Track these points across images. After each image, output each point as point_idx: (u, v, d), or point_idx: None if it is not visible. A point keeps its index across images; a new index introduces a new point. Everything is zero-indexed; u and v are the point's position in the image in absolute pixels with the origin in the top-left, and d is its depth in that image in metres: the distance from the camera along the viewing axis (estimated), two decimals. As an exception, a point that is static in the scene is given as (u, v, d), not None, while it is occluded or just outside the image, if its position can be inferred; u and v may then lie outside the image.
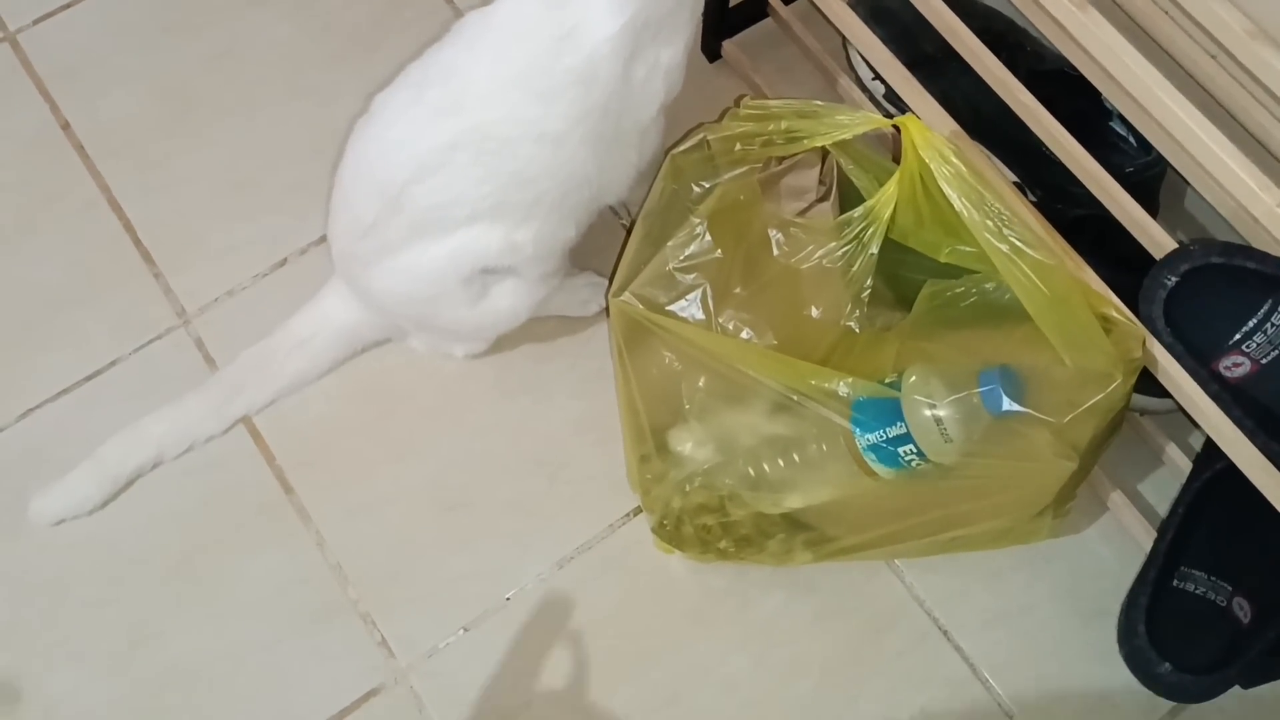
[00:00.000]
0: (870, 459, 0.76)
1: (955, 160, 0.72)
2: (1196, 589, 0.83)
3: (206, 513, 0.88)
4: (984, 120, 0.90)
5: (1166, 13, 0.73)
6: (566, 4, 0.73)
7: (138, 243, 0.97)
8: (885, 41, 0.90)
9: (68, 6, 1.06)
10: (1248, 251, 0.72)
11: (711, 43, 1.04)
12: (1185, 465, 0.88)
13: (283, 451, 0.91)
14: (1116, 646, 0.85)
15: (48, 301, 0.95)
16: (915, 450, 0.74)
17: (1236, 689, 0.82)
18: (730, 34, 1.05)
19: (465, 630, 0.86)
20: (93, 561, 0.86)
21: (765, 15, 1.05)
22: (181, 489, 0.89)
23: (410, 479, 0.90)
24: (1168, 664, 0.81)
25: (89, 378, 0.92)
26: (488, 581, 0.87)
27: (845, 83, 1.00)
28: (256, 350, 0.90)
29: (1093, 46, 0.65)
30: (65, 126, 1.01)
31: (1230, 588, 0.83)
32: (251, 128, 1.02)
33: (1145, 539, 0.87)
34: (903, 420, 0.73)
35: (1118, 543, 0.89)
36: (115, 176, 1.00)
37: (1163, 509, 0.88)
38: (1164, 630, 0.82)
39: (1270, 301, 0.72)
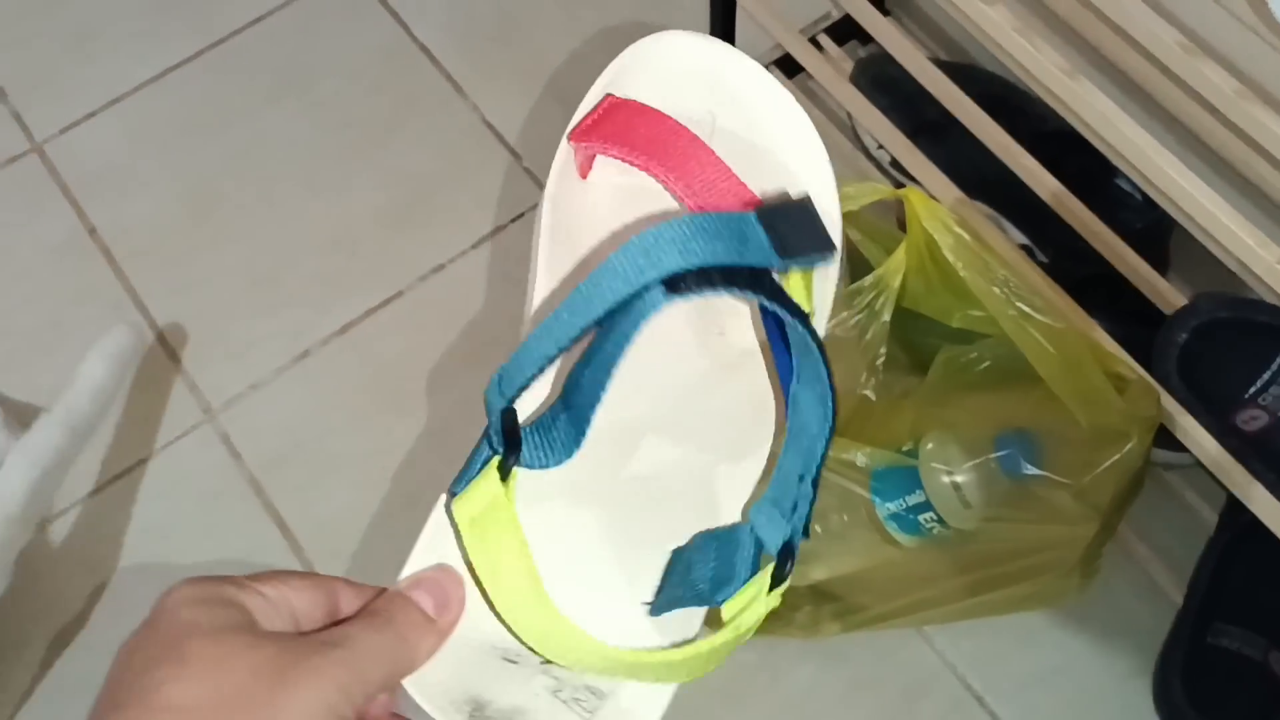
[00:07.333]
0: (891, 527, 0.76)
1: (959, 229, 0.72)
2: (1231, 645, 0.82)
3: None
4: (990, 183, 0.91)
5: (1163, 73, 0.74)
6: None
7: (162, 340, 0.99)
8: (888, 110, 0.92)
9: (91, 115, 1.09)
10: (1257, 305, 0.72)
11: (718, 119, 1.06)
12: (1214, 518, 0.88)
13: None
14: (1153, 706, 0.84)
15: (77, 403, 0.97)
16: (935, 517, 0.74)
17: (1279, 745, 0.81)
18: (736, 109, 1.06)
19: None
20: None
21: (770, 89, 1.07)
22: None
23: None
24: (1207, 723, 0.80)
25: (118, 476, 0.94)
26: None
27: (851, 151, 1.01)
28: None
29: (1085, 113, 0.66)
30: (92, 231, 1.04)
31: (1266, 642, 0.82)
32: (270, 223, 1.04)
33: (1177, 594, 0.86)
34: (921, 488, 0.74)
35: (1150, 599, 0.88)
36: (140, 277, 1.02)
37: (1194, 563, 0.87)
38: (1200, 689, 0.81)
39: (1283, 353, 0.72)
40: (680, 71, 0.40)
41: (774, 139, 0.40)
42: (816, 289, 0.39)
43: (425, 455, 0.94)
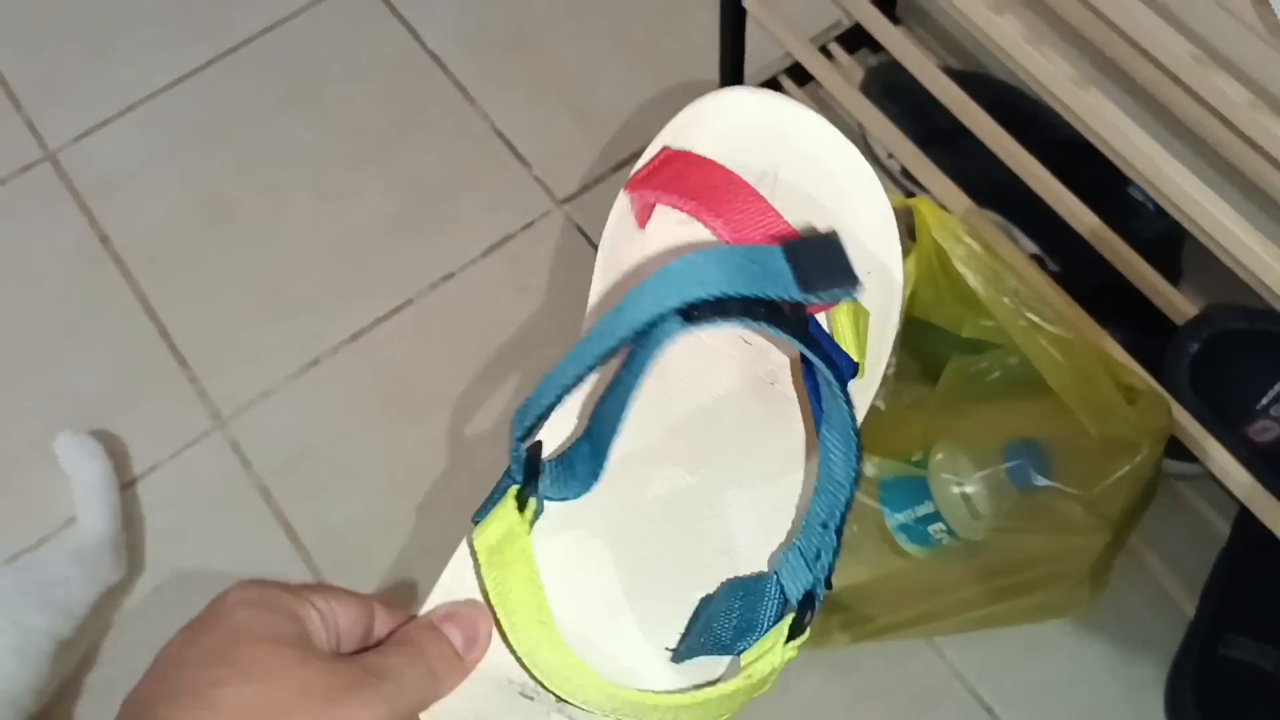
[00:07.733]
0: (901, 538, 0.76)
1: (968, 240, 0.72)
2: (1243, 656, 0.81)
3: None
4: (1001, 192, 0.91)
5: (1175, 83, 0.74)
6: None
7: (173, 348, 1.00)
8: (898, 118, 0.92)
9: (104, 124, 1.10)
10: (1270, 316, 0.71)
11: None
12: (1225, 529, 0.87)
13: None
14: (1164, 718, 0.83)
15: (87, 409, 0.97)
16: (945, 528, 0.74)
17: (1292, 758, 0.81)
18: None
19: None
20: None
21: (780, 98, 1.07)
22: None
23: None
24: (1218, 735, 0.79)
25: (129, 484, 0.94)
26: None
27: (861, 160, 1.01)
28: None
29: (1096, 123, 0.66)
30: (104, 239, 1.04)
31: (1278, 653, 0.81)
32: (281, 230, 1.05)
33: (1189, 605, 0.86)
34: (931, 498, 0.73)
35: (1161, 610, 0.88)
36: (151, 284, 1.02)
37: (1206, 574, 0.87)
38: (1212, 700, 0.80)
39: (1296, 365, 0.72)
40: (740, 127, 0.40)
41: (838, 193, 0.39)
42: (874, 336, 0.38)
43: (433, 464, 0.94)
